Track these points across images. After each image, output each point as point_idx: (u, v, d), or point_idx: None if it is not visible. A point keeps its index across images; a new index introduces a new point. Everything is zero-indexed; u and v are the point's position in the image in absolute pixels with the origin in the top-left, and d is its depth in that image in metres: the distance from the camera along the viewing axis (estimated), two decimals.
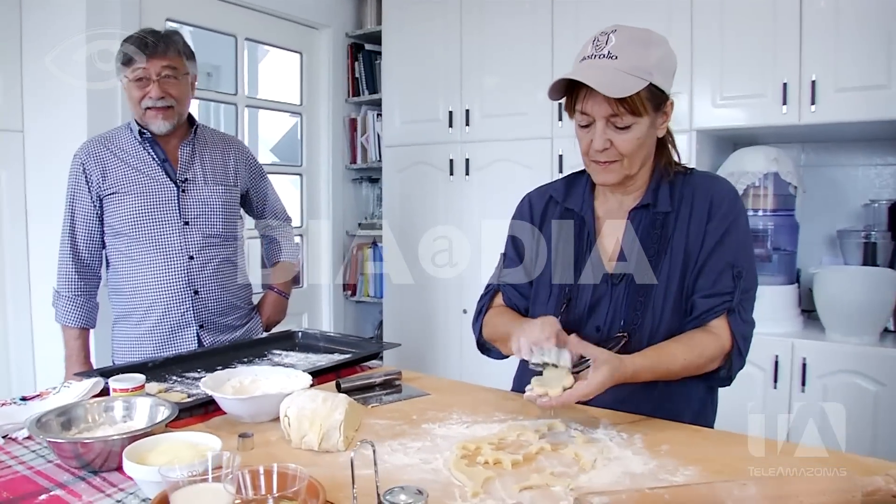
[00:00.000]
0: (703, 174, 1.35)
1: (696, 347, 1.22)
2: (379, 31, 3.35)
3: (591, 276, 1.32)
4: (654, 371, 1.19)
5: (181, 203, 1.91)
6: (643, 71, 1.17)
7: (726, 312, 1.24)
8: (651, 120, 1.22)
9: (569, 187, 1.41)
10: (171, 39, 1.87)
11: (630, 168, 1.26)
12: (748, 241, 1.29)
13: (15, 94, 2.58)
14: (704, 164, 2.52)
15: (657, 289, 1.27)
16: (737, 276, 1.23)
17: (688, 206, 1.28)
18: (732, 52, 2.35)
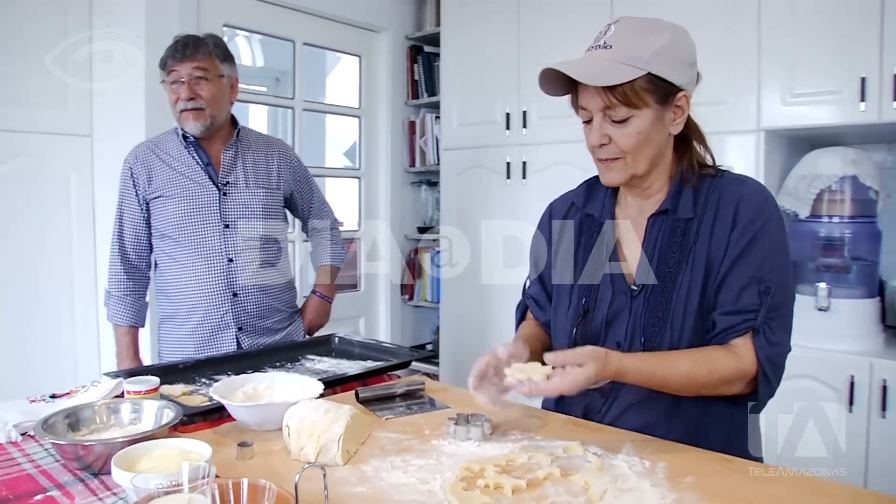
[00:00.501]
0: (733, 177, 1.20)
1: (706, 363, 1.11)
2: (438, 32, 3.31)
3: (610, 287, 1.23)
4: (646, 376, 1.09)
5: (222, 206, 1.93)
6: (638, 60, 1.09)
7: (750, 332, 1.11)
8: (655, 113, 1.12)
9: (589, 192, 1.33)
10: (203, 42, 1.90)
11: (635, 167, 1.16)
12: (780, 253, 1.14)
13: (84, 100, 2.69)
14: (774, 167, 2.35)
15: (677, 303, 1.15)
16: (764, 291, 1.10)
17: (712, 212, 1.16)
18: (804, 45, 2.17)
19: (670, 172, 1.21)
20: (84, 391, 1.39)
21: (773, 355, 1.11)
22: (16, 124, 2.52)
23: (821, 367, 2.13)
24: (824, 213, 2.25)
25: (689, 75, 1.15)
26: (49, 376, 2.54)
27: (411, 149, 3.63)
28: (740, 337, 1.12)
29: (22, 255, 2.55)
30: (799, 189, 2.25)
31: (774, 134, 2.30)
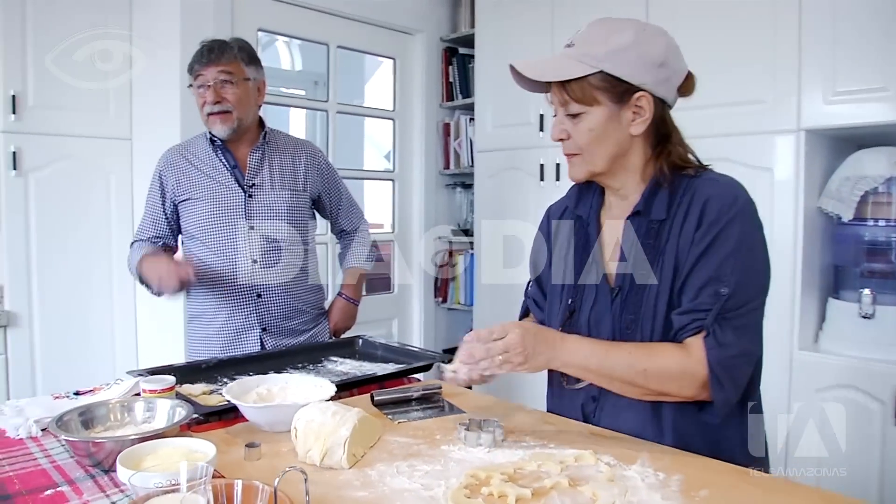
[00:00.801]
0: (707, 176, 1.18)
1: (648, 352, 1.10)
2: (473, 34, 3.30)
3: (595, 289, 1.24)
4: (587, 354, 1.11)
5: (247, 207, 1.94)
6: (592, 58, 1.12)
7: (702, 333, 1.08)
8: (609, 112, 1.14)
9: (580, 194, 1.33)
10: (228, 46, 1.92)
11: (592, 164, 1.18)
12: (744, 252, 1.10)
13: (124, 103, 2.76)
14: (816, 168, 2.25)
15: (646, 305, 1.15)
16: (720, 291, 1.08)
17: (683, 213, 1.14)
18: (846, 41, 2.07)
19: (645, 174, 1.20)
20: (107, 388, 1.42)
21: (724, 358, 1.07)
22: (59, 128, 2.60)
23: (864, 377, 2.03)
24: (869, 216, 2.15)
25: (657, 76, 1.14)
26: (88, 372, 2.61)
27: (446, 151, 3.62)
28: (692, 337, 1.10)
29: (64, 254, 2.63)
30: (842, 191, 2.16)
31: (816, 134, 2.21)
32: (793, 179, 2.22)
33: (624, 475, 1.00)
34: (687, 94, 1.21)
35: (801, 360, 2.17)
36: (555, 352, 1.10)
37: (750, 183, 2.24)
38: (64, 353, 2.62)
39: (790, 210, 2.21)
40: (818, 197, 2.25)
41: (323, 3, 3.06)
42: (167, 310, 2.70)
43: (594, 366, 1.10)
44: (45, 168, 2.58)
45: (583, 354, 1.11)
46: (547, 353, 1.10)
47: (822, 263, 2.29)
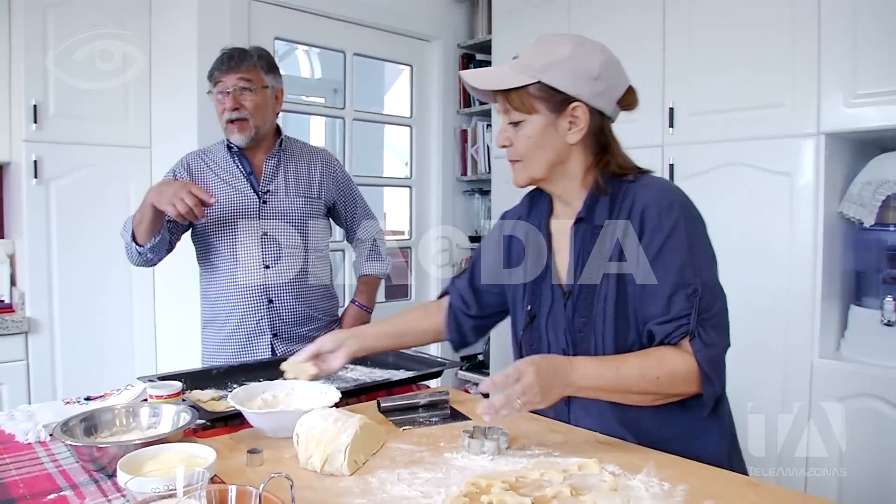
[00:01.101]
0: (643, 181, 1.22)
1: (663, 361, 1.12)
2: (490, 40, 3.29)
3: (550, 294, 1.28)
4: (599, 372, 1.11)
5: (261, 213, 1.96)
6: (532, 69, 1.18)
7: (688, 337, 1.12)
8: (547, 120, 1.19)
9: (532, 203, 1.39)
10: (247, 54, 1.93)
11: (531, 169, 1.23)
12: (699, 252, 1.15)
13: (144, 112, 2.81)
14: (837, 173, 2.21)
15: (597, 308, 1.20)
16: (691, 294, 1.12)
17: (624, 218, 1.19)
18: (867, 42, 2.03)
19: (586, 181, 1.25)
20: (117, 394, 1.43)
21: (711, 357, 1.12)
22: (80, 137, 2.65)
23: (887, 386, 1.98)
24: (891, 222, 2.10)
25: (592, 89, 1.18)
26: (108, 377, 2.63)
27: (463, 157, 3.61)
28: (680, 341, 1.13)
29: (84, 261, 2.67)
30: (864, 196, 2.11)
31: (836, 137, 2.16)
32: (813, 184, 2.17)
33: (628, 484, 0.98)
34: (629, 109, 1.25)
35: (822, 368, 2.12)
36: (568, 379, 1.10)
37: (769, 188, 2.25)
38: (84, 359, 2.65)
39: (810, 215, 2.17)
40: (839, 202, 2.21)
41: (339, 10, 3.08)
42: (185, 315, 2.73)
43: (608, 385, 1.12)
44: (65, 176, 2.63)
45: (595, 376, 1.11)
46: (561, 384, 1.09)
47: (844, 270, 2.25)
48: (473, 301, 1.47)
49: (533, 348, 1.30)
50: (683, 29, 2.50)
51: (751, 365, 2.24)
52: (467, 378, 3.56)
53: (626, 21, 2.69)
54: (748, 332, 2.23)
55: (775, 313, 2.23)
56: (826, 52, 2.12)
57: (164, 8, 2.74)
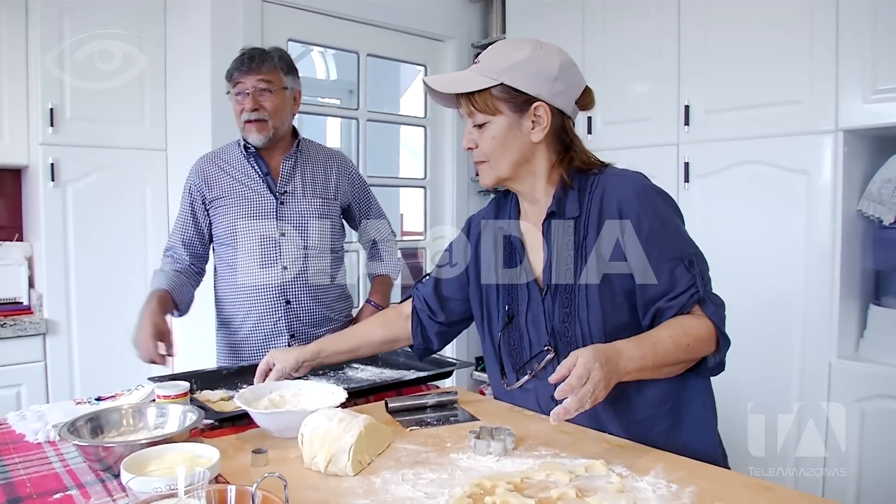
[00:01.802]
0: (612, 172, 1.27)
1: (688, 328, 1.16)
2: (503, 39, 3.28)
3: (527, 292, 1.31)
4: (640, 348, 1.12)
5: (279, 214, 1.96)
6: (492, 71, 1.21)
7: (698, 304, 1.18)
8: (510, 120, 1.22)
9: (498, 207, 1.41)
10: (268, 55, 1.93)
11: (497, 170, 1.26)
12: (677, 226, 1.22)
13: (159, 116, 2.83)
14: (856, 170, 2.17)
15: (580, 298, 1.23)
16: (689, 265, 1.18)
17: (597, 208, 1.23)
18: (885, 37, 1.99)
19: (552, 178, 1.28)
20: (128, 394, 1.44)
21: (721, 315, 1.19)
22: (96, 140, 2.68)
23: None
24: None
25: (551, 89, 1.22)
26: (125, 378, 2.64)
27: None
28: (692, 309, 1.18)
29: (101, 263, 2.70)
30: (883, 193, 2.07)
31: (854, 134, 2.13)
32: (831, 182, 2.14)
33: (635, 486, 0.96)
34: (587, 108, 1.30)
35: (841, 368, 2.08)
36: (619, 366, 1.08)
37: (786, 186, 2.22)
38: (101, 360, 2.68)
39: (828, 213, 2.14)
40: (858, 200, 2.17)
41: (353, 11, 3.09)
42: (202, 316, 2.74)
43: (651, 363, 1.12)
44: (82, 179, 2.66)
45: (638, 357, 1.11)
46: (615, 372, 1.08)
47: (863, 268, 2.20)
48: (439, 307, 1.48)
49: (513, 347, 1.32)
50: (698, 26, 2.47)
51: (768, 365, 2.20)
52: (482, 378, 3.54)
53: (641, 19, 2.67)
54: (765, 332, 2.20)
55: (793, 313, 2.19)
56: (844, 47, 2.08)
57: (178, 11, 2.77)
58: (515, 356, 1.33)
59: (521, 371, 1.31)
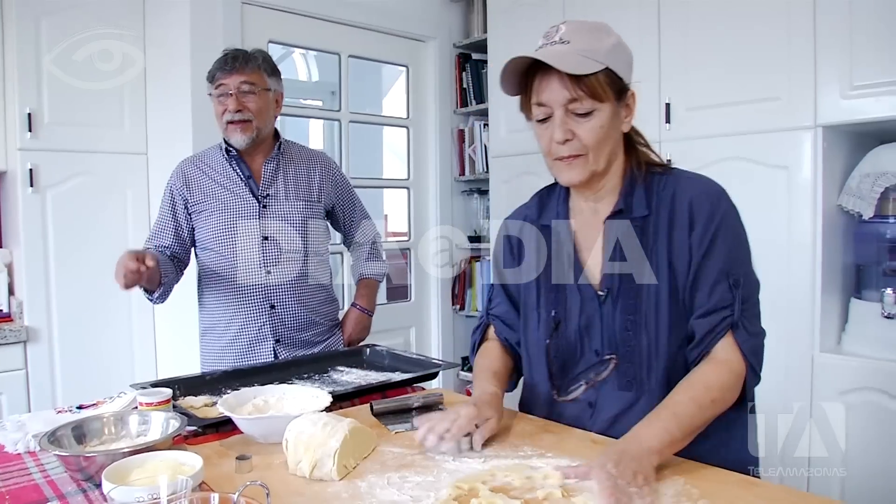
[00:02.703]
0: (682, 174, 1.21)
1: (710, 382, 1.08)
2: (486, 39, 3.28)
3: (578, 296, 1.22)
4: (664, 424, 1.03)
5: (262, 218, 1.94)
6: (597, 54, 1.12)
7: (730, 329, 1.10)
8: (613, 109, 1.15)
9: (542, 203, 1.33)
10: (251, 56, 1.91)
11: (596, 163, 1.16)
12: (741, 243, 1.16)
13: (140, 119, 2.80)
14: (835, 165, 2.19)
15: (647, 304, 1.15)
16: (734, 284, 1.11)
17: (667, 209, 1.16)
18: (863, 34, 2.01)
19: (621, 173, 1.22)
20: (110, 402, 1.42)
21: (756, 346, 1.12)
22: (75, 144, 2.65)
23: (888, 379, 1.96)
24: (890, 213, 2.08)
25: (630, 76, 1.19)
26: (108, 386, 2.61)
27: (460, 157, 3.61)
28: (722, 339, 1.11)
29: (82, 269, 2.66)
30: (862, 188, 2.09)
31: (833, 130, 2.14)
32: (811, 177, 2.16)
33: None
34: None
35: (823, 362, 2.10)
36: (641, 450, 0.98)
37: (767, 181, 2.23)
38: (83, 368, 2.65)
39: (809, 208, 2.15)
40: (838, 194, 2.19)
41: (333, 12, 3.07)
42: (185, 322, 2.72)
43: (679, 434, 1.03)
44: (61, 184, 2.62)
45: (663, 433, 1.01)
46: (638, 456, 0.97)
47: (844, 263, 2.23)
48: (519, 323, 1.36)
49: (562, 356, 1.23)
50: (679, 24, 2.48)
51: None
52: (469, 378, 3.54)
53: (621, 17, 2.67)
54: None
55: (775, 308, 2.18)
56: (822, 43, 2.10)
57: (157, 13, 2.74)
58: (568, 365, 1.23)
59: (573, 382, 1.22)
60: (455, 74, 3.56)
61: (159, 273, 1.83)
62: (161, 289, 1.89)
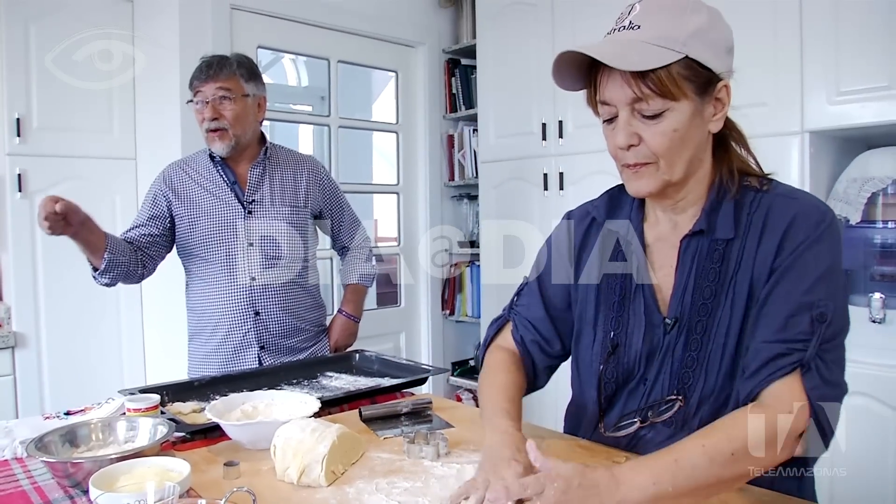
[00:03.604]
0: (784, 191, 1.00)
1: (735, 430, 0.86)
2: (474, 45, 3.29)
3: (643, 319, 1.05)
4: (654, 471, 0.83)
5: (247, 224, 1.94)
6: (673, 41, 0.92)
7: (799, 368, 0.88)
8: (694, 107, 0.95)
9: (612, 204, 1.14)
10: (227, 62, 1.91)
11: (670, 172, 0.97)
12: (835, 274, 0.93)
13: (129, 125, 2.80)
14: (823, 171, 2.21)
15: (715, 342, 0.98)
16: (818, 318, 0.89)
17: (756, 234, 0.97)
18: (849, 40, 2.03)
19: (708, 182, 1.03)
20: (97, 408, 1.42)
21: (830, 397, 0.88)
22: (64, 150, 2.64)
23: (876, 384, 1.97)
24: (878, 218, 2.10)
25: (728, 63, 0.99)
26: (96, 391, 2.60)
27: (450, 163, 3.61)
28: (784, 377, 0.88)
29: (70, 274, 2.64)
30: (849, 193, 2.11)
31: (820, 135, 2.16)
32: (798, 182, 2.17)
33: None
34: None
35: None
36: (613, 500, 0.80)
37: None
38: (72, 373, 2.64)
39: None
40: (825, 200, 2.20)
41: (323, 18, 3.08)
42: (174, 328, 2.70)
43: (669, 489, 0.82)
44: (50, 189, 2.59)
45: (648, 483, 0.81)
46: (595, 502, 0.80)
47: None
48: (554, 334, 1.18)
49: (615, 384, 1.07)
50: None
51: None
52: (458, 384, 3.55)
53: (609, 24, 2.69)
54: None
55: None
56: (808, 49, 2.12)
57: (146, 18, 2.73)
58: (619, 394, 1.08)
59: (626, 416, 1.06)
60: (444, 80, 3.57)
61: (104, 239, 1.75)
62: (105, 261, 1.77)
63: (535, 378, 1.20)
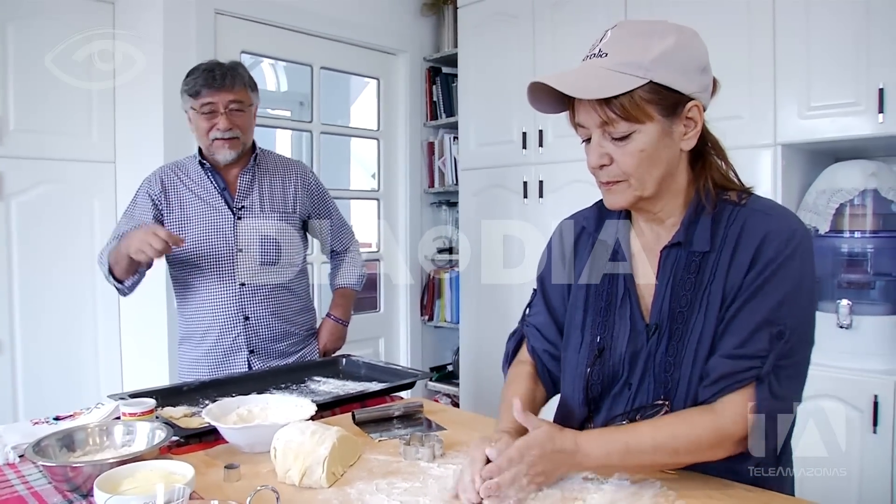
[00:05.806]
0: (760, 206, 1.05)
1: (683, 429, 0.98)
2: (456, 53, 3.33)
3: (628, 324, 1.10)
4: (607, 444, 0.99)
5: (236, 230, 1.95)
6: (636, 67, 0.97)
7: (753, 382, 0.96)
8: (661, 128, 0.99)
9: (601, 215, 1.19)
10: (238, 73, 1.92)
11: (641, 189, 1.03)
12: (801, 294, 0.99)
13: (108, 127, 2.77)
14: (793, 182, 2.29)
15: (688, 348, 1.03)
16: (776, 336, 0.95)
17: (731, 248, 1.02)
18: (820, 57, 2.12)
19: (686, 196, 1.08)
20: (87, 413, 1.41)
21: (773, 410, 0.96)
22: (42, 152, 2.60)
23: (843, 387, 2.05)
24: (845, 228, 2.18)
25: (701, 82, 1.02)
26: (72, 398, 2.59)
27: (430, 170, 3.64)
28: (739, 389, 0.97)
29: (47, 279, 2.62)
30: (818, 204, 2.19)
31: (792, 148, 2.25)
32: (771, 193, 2.24)
33: (601, 488, 1.00)
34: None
35: None
36: (574, 461, 0.98)
37: None
38: (47, 380, 2.60)
39: None
40: (796, 210, 2.28)
41: (306, 24, 3.09)
42: (151, 334, 2.69)
43: (617, 462, 0.99)
44: (27, 192, 2.58)
45: (601, 454, 0.98)
46: (566, 464, 0.99)
47: None
48: (559, 337, 1.22)
49: (601, 386, 1.12)
50: None
51: None
52: (437, 389, 3.57)
53: (588, 34, 2.71)
54: None
55: None
56: (781, 65, 2.20)
57: (128, 22, 2.72)
58: (605, 396, 1.12)
59: (613, 420, 1.10)
60: (425, 87, 3.61)
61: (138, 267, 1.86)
62: (136, 277, 1.90)
63: (554, 384, 1.24)
